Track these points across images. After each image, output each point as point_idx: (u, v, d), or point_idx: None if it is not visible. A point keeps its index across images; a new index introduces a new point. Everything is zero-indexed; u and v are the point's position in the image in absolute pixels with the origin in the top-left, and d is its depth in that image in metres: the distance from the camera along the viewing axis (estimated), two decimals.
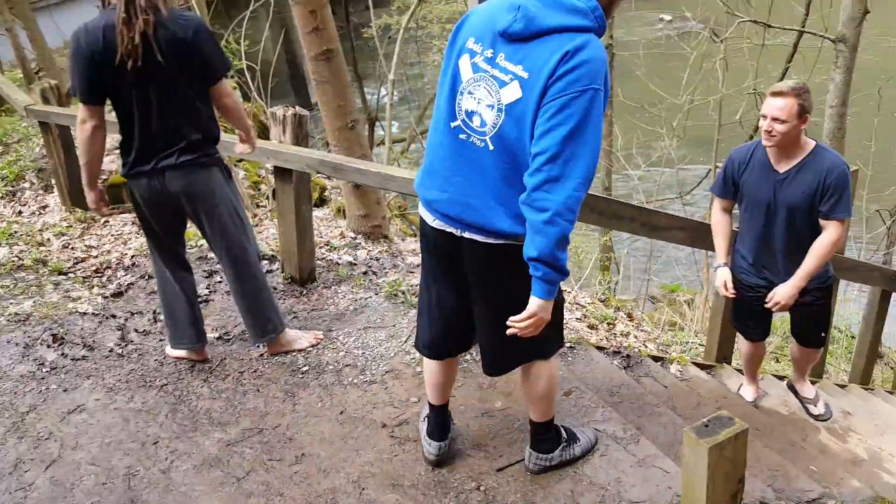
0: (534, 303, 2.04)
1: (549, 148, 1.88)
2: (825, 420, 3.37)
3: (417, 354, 3.27)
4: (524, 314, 2.06)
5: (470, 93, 2.04)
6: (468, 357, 3.24)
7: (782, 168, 3.00)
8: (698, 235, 3.64)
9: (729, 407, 3.42)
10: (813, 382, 4.03)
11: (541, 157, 1.90)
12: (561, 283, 2.08)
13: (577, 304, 4.91)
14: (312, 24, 4.38)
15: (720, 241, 3.24)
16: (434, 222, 2.22)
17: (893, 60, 8.51)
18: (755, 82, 8.52)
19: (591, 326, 4.53)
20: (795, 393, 3.55)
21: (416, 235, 6.47)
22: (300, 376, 3.20)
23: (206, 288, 3.96)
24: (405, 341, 3.41)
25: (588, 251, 9.36)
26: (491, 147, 2.02)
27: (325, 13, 4.41)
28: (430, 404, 2.62)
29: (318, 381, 3.17)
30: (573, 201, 1.91)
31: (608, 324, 4.70)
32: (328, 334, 3.51)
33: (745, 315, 3.46)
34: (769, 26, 7.61)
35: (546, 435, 2.55)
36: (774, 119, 2.88)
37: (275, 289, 3.95)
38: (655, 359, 3.77)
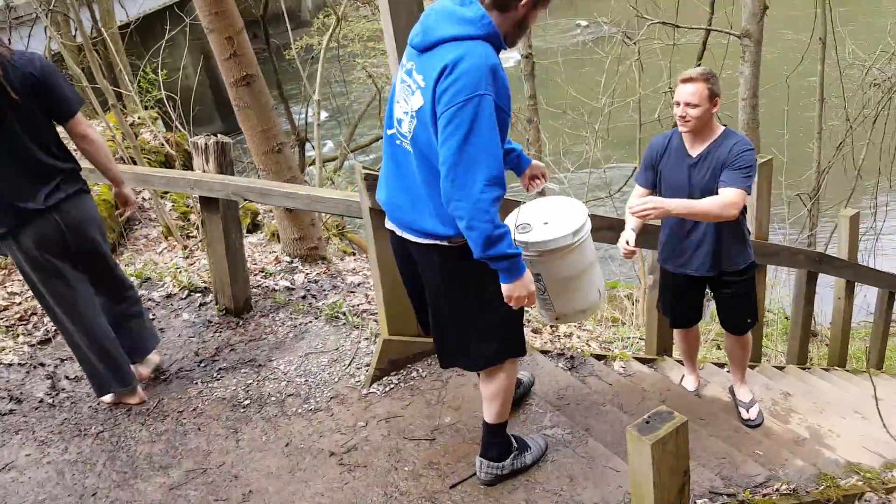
0: (504, 288, 2.17)
1: (447, 159, 2.02)
2: (754, 426, 3.48)
3: (363, 377, 3.23)
4: (505, 299, 2.18)
5: (397, 101, 2.23)
6: (413, 374, 3.21)
7: (695, 152, 3.09)
8: None
9: (672, 399, 3.48)
10: (752, 366, 4.15)
11: (443, 169, 2.04)
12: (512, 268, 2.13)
13: None
14: (229, 50, 4.30)
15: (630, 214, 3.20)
16: (386, 221, 2.43)
17: (796, 52, 8.90)
18: (670, 81, 8.78)
19: (534, 331, 4.56)
20: (733, 395, 3.67)
21: (355, 254, 6.41)
22: (242, 411, 3.11)
23: None
24: (349, 364, 3.37)
25: None
26: (411, 150, 2.18)
27: (242, 39, 4.33)
28: None
29: (260, 414, 3.09)
30: (484, 203, 2.01)
31: (551, 326, 4.74)
32: (268, 364, 3.43)
33: (670, 302, 3.53)
34: (678, 27, 7.86)
35: (497, 439, 2.56)
36: (687, 104, 2.98)
37: (209, 322, 3.85)
38: (599, 357, 3.81)
